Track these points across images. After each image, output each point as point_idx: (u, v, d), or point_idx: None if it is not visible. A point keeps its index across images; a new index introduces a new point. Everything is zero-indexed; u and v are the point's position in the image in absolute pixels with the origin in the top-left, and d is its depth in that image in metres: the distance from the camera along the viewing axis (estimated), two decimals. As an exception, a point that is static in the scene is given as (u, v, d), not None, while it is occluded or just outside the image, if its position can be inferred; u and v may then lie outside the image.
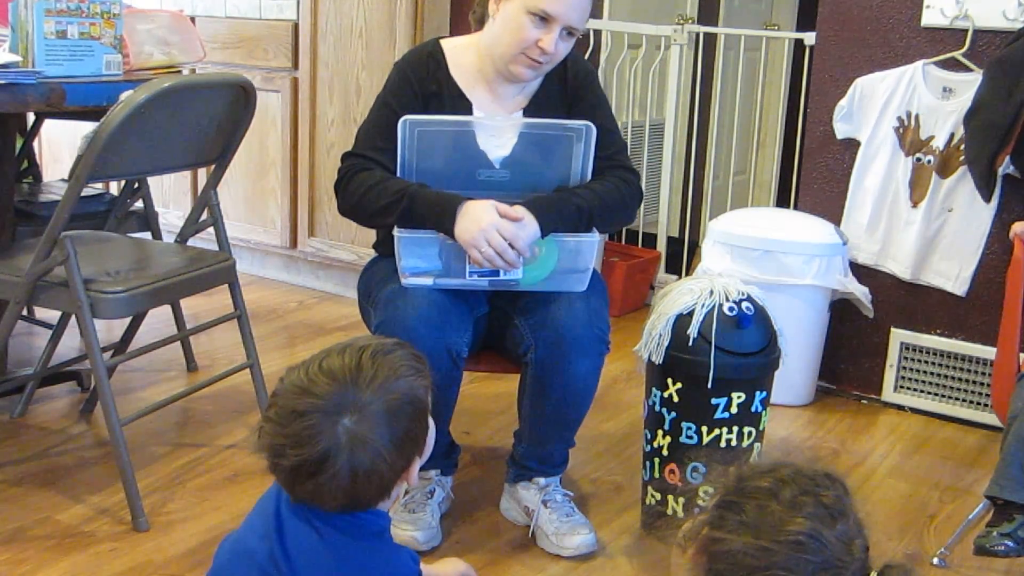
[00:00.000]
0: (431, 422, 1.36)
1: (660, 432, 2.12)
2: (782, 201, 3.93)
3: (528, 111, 2.13)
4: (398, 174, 2.02)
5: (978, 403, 2.90)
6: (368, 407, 1.24)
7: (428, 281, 1.99)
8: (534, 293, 2.03)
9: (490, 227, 1.91)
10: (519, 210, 1.95)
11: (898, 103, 2.88)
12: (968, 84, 2.73)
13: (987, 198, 2.72)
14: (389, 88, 2.12)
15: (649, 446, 2.17)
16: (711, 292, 2.14)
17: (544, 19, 1.96)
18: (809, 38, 3.24)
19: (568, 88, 2.14)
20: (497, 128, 2.02)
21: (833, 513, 1.02)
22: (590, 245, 2.03)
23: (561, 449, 2.19)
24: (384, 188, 1.99)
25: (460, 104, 2.10)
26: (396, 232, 1.97)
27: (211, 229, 2.47)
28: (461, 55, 2.12)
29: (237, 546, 1.32)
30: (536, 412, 2.11)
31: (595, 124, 2.03)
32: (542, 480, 2.18)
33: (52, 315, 2.75)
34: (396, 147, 2.00)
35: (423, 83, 2.09)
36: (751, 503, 1.04)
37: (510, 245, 1.92)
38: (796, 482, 1.05)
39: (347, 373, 1.25)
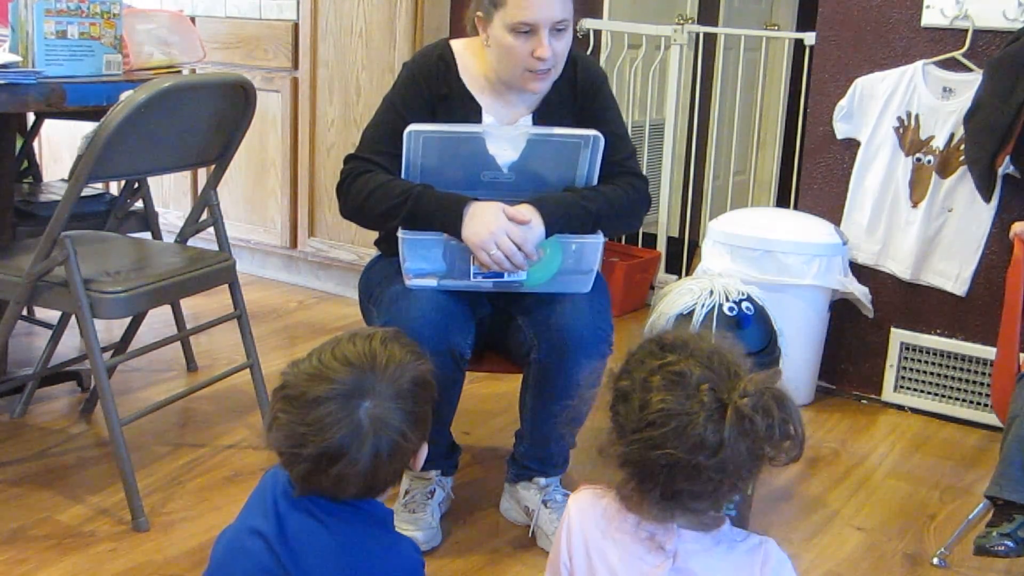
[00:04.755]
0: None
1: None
2: (782, 201, 3.93)
3: (537, 114, 2.11)
4: (403, 171, 2.02)
5: (978, 403, 2.90)
6: (386, 390, 1.26)
7: (432, 282, 1.99)
8: (537, 294, 2.03)
9: (499, 231, 1.90)
10: (526, 212, 1.93)
11: (898, 103, 2.88)
12: (968, 84, 2.73)
13: (987, 198, 2.71)
14: (397, 90, 2.11)
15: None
16: (711, 292, 2.14)
17: (528, 30, 1.94)
18: (809, 38, 3.24)
19: (578, 92, 2.12)
20: (505, 136, 2.00)
21: (676, 380, 1.18)
22: (594, 247, 2.02)
23: (561, 449, 2.19)
24: (388, 191, 1.98)
25: (470, 107, 2.09)
26: (400, 234, 1.96)
27: (211, 229, 2.47)
28: (470, 58, 2.11)
29: (233, 543, 1.32)
30: (537, 412, 2.10)
31: (604, 129, 2.01)
32: (542, 480, 2.17)
33: (52, 315, 2.75)
34: (400, 151, 1.98)
35: (432, 86, 2.08)
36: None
37: (519, 249, 1.92)
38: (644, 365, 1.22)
39: (363, 359, 1.27)
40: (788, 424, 1.18)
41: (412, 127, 1.95)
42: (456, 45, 2.13)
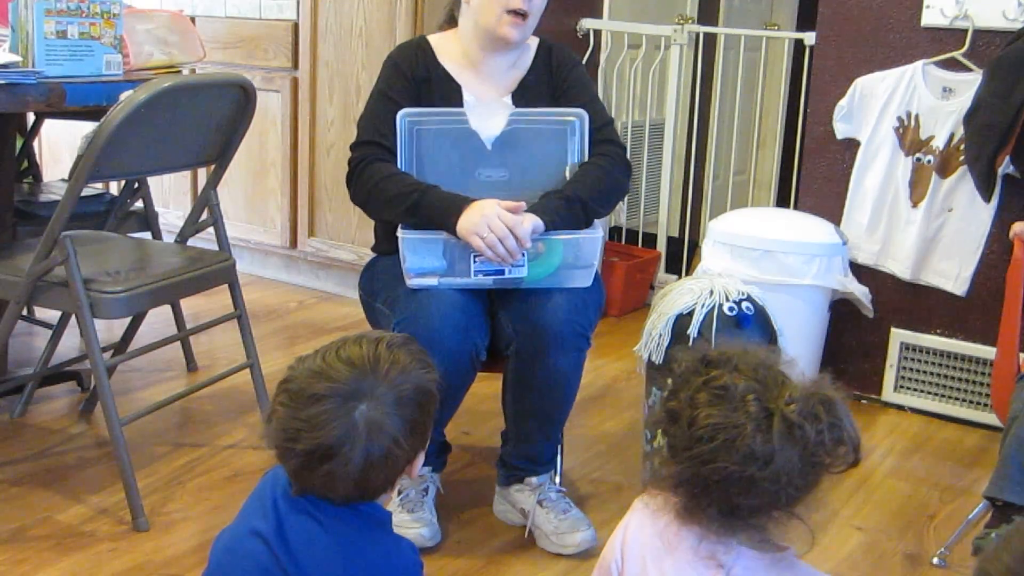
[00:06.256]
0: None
1: (660, 432, 2.12)
2: (782, 201, 3.93)
3: (516, 95, 2.18)
4: (399, 162, 2.08)
5: (978, 403, 2.90)
6: (385, 395, 1.26)
7: (433, 281, 2.00)
8: (517, 289, 2.04)
9: (491, 214, 1.94)
10: (520, 204, 1.98)
11: (898, 103, 2.88)
12: (968, 84, 2.73)
13: (987, 198, 2.71)
14: (384, 80, 2.18)
15: (649, 446, 2.17)
16: (711, 292, 2.14)
17: None
18: (809, 38, 3.24)
19: (553, 74, 2.21)
20: (489, 111, 2.09)
21: (721, 393, 1.19)
22: (593, 241, 2.04)
23: (548, 446, 2.19)
24: (398, 180, 2.04)
25: (450, 87, 2.16)
26: (400, 233, 1.99)
27: (211, 229, 2.47)
28: (447, 45, 2.21)
29: (233, 543, 1.32)
30: (519, 408, 2.12)
31: (579, 101, 2.13)
32: (534, 480, 2.17)
33: (52, 315, 2.75)
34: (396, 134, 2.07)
35: (414, 71, 2.16)
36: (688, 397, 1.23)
37: (510, 232, 1.93)
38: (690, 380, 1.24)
39: (366, 362, 1.27)
40: (838, 428, 1.16)
41: (403, 111, 2.06)
42: (432, 37, 2.24)
